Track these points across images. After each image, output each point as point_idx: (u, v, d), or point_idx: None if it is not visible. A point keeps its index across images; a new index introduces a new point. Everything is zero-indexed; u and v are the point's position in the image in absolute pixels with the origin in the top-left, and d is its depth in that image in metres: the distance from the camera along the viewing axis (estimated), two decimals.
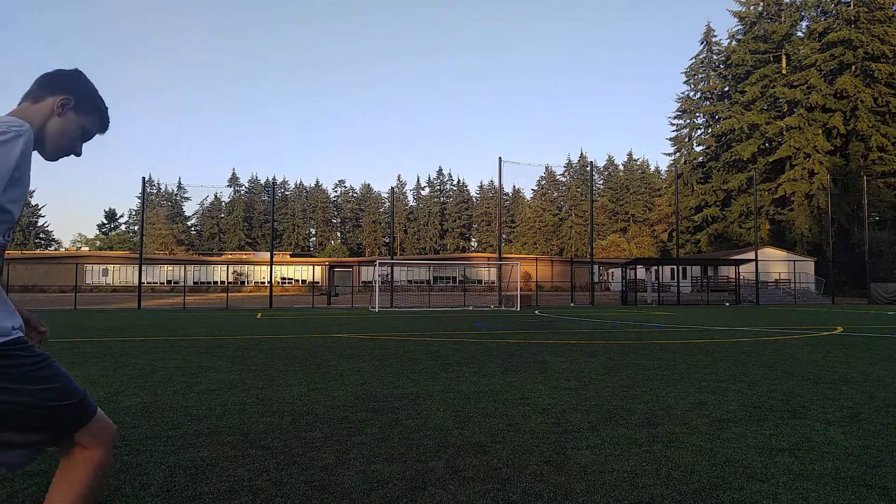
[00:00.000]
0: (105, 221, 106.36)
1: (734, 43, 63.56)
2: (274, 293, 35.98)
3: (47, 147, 1.88)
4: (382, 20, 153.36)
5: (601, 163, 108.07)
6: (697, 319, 19.50)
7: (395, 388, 6.34)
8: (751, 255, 39.92)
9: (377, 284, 30.25)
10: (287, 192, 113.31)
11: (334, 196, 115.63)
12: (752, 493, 3.23)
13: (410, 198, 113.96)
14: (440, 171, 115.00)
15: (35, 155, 1.88)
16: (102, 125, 2.01)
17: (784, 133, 56.81)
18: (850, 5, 56.24)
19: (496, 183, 75.30)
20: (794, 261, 45.12)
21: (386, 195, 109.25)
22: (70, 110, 1.89)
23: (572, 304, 33.87)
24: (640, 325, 16.72)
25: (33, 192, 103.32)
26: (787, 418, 4.96)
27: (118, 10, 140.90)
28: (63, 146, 1.90)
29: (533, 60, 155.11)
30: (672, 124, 73.42)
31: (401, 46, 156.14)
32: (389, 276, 39.12)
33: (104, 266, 67.39)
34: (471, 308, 29.74)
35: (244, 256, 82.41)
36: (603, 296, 48.03)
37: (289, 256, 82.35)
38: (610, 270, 62.19)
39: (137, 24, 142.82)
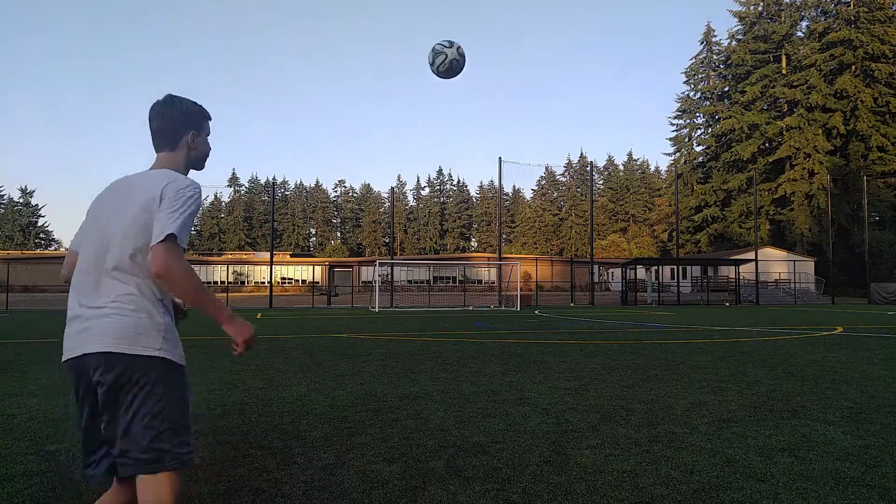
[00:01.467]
0: None
1: (734, 43, 63.54)
2: (274, 293, 35.98)
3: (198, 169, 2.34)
4: (382, 20, 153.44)
5: (601, 163, 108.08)
6: (697, 319, 19.50)
7: (395, 388, 6.34)
8: (751, 255, 39.92)
9: (377, 284, 30.25)
10: (287, 192, 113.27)
11: (334, 196, 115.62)
12: (752, 493, 3.23)
13: (410, 198, 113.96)
14: (440, 171, 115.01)
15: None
16: (209, 117, 2.33)
17: (784, 133, 56.78)
18: (850, 5, 56.21)
19: (496, 183, 75.25)
20: (794, 261, 45.10)
21: (386, 195, 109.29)
22: (197, 136, 2.26)
23: (572, 304, 33.87)
24: (640, 325, 16.72)
25: (33, 191, 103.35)
26: (787, 418, 4.96)
27: (117, 8, 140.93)
28: (203, 160, 2.33)
29: (533, 60, 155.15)
30: (672, 124, 73.40)
31: (401, 47, 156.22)
32: (389, 276, 39.12)
33: None
34: (471, 308, 29.74)
35: (244, 256, 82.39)
36: (603, 296, 48.03)
37: (289, 256, 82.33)
38: (610, 270, 62.19)
39: (137, 24, 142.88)
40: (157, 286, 1.99)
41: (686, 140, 70.87)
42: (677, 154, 72.30)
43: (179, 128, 2.20)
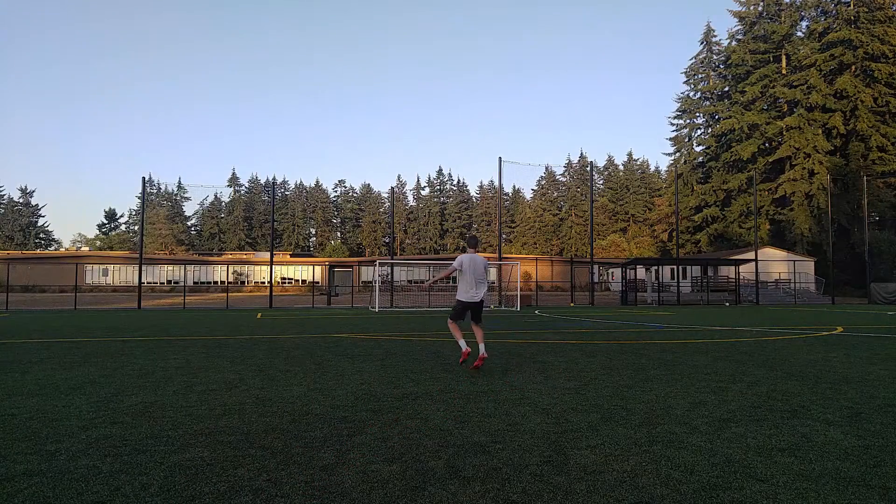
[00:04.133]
0: (105, 221, 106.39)
1: (734, 43, 63.51)
2: (274, 293, 35.98)
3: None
4: (382, 20, 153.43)
5: (601, 163, 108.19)
6: (697, 319, 19.50)
7: (395, 388, 6.35)
8: (751, 255, 39.91)
9: (377, 284, 30.25)
10: (287, 192, 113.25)
11: (334, 196, 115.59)
12: (752, 493, 3.23)
13: (410, 198, 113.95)
14: (440, 171, 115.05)
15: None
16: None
17: (784, 133, 56.76)
18: (850, 5, 56.19)
19: (496, 183, 75.27)
20: (794, 261, 45.10)
21: (386, 195, 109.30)
22: (479, 245, 10.87)
23: (572, 304, 33.87)
24: (640, 325, 16.72)
25: (33, 191, 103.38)
26: (787, 418, 4.96)
27: (118, 8, 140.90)
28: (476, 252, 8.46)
29: (533, 60, 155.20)
30: (672, 124, 73.37)
31: (401, 47, 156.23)
32: (389, 276, 39.12)
33: (104, 266, 67.35)
34: None
35: (244, 256, 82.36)
36: (603, 296, 48.02)
37: (289, 256, 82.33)
38: (610, 270, 62.18)
39: (137, 23, 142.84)
40: (487, 285, 8.27)
41: (686, 140, 70.83)
42: (677, 154, 72.26)
43: (478, 244, 8.42)
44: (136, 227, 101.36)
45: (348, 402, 5.61)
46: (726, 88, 65.84)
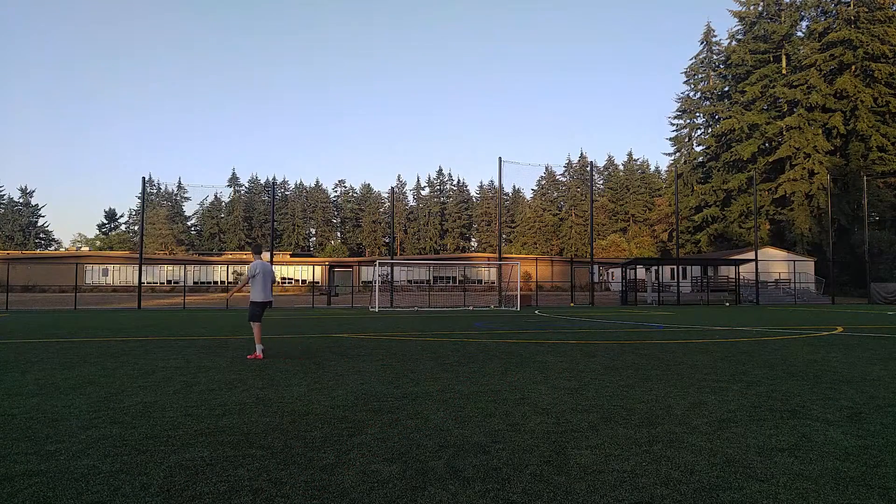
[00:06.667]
0: (105, 221, 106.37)
1: (734, 43, 63.50)
2: (274, 293, 35.93)
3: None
4: (382, 20, 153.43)
5: (601, 163, 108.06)
6: (697, 319, 19.49)
7: (395, 388, 6.35)
8: (751, 255, 39.91)
9: (377, 284, 30.25)
10: (287, 192, 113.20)
11: (334, 196, 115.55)
12: (752, 493, 3.23)
13: (410, 198, 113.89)
14: (440, 171, 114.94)
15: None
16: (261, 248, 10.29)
17: (784, 133, 56.75)
18: (850, 5, 56.18)
19: (496, 183, 75.34)
20: (794, 261, 45.10)
21: (386, 195, 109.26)
22: (261, 253, 9.88)
23: (572, 304, 33.86)
24: (640, 325, 16.71)
25: (33, 191, 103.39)
26: (787, 418, 4.96)
27: (118, 8, 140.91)
28: (259, 257, 9.73)
29: (533, 60, 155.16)
30: (672, 124, 73.42)
31: (401, 47, 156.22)
32: (389, 276, 39.11)
33: (104, 266, 67.35)
34: (471, 308, 29.73)
35: (244, 256, 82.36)
36: (603, 296, 48.01)
37: (289, 256, 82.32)
38: (610, 270, 62.18)
39: (137, 23, 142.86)
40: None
41: (686, 140, 70.84)
42: (677, 154, 72.28)
43: (261, 251, 9.86)
44: (136, 227, 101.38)
45: (348, 402, 5.61)
46: (726, 88, 65.83)
